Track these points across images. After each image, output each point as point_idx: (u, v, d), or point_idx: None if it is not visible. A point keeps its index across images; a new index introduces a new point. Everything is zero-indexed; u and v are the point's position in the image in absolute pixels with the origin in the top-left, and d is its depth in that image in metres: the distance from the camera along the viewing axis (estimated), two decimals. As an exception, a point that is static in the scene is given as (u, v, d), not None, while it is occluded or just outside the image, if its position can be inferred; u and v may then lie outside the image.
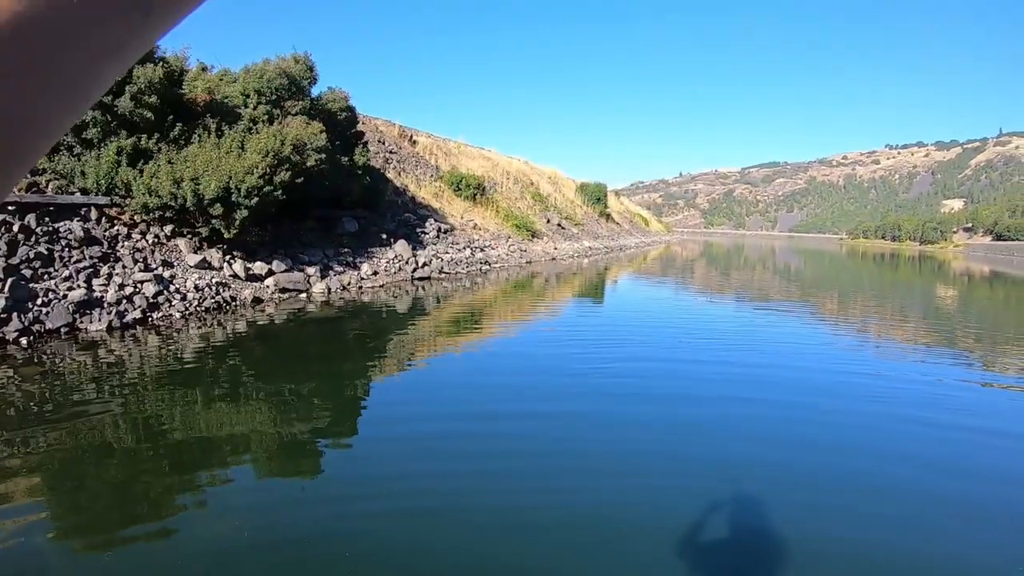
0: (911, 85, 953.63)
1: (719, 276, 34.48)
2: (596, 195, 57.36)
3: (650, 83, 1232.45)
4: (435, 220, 26.41)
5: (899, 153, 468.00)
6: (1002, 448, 6.90)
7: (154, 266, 12.80)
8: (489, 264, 25.33)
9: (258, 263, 14.96)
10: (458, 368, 9.77)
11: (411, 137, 33.75)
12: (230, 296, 13.37)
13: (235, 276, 14.22)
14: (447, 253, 23.76)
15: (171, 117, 14.67)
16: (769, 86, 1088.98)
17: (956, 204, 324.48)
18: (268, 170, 14.61)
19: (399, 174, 28.50)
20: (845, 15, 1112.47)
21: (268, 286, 14.69)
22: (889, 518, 4.91)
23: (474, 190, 32.59)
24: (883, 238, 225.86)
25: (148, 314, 11.41)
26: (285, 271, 15.40)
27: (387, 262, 19.71)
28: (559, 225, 41.87)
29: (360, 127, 23.47)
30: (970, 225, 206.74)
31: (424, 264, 21.07)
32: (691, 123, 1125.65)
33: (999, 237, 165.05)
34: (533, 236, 34.89)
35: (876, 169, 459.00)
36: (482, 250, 26.79)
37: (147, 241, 13.36)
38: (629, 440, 6.52)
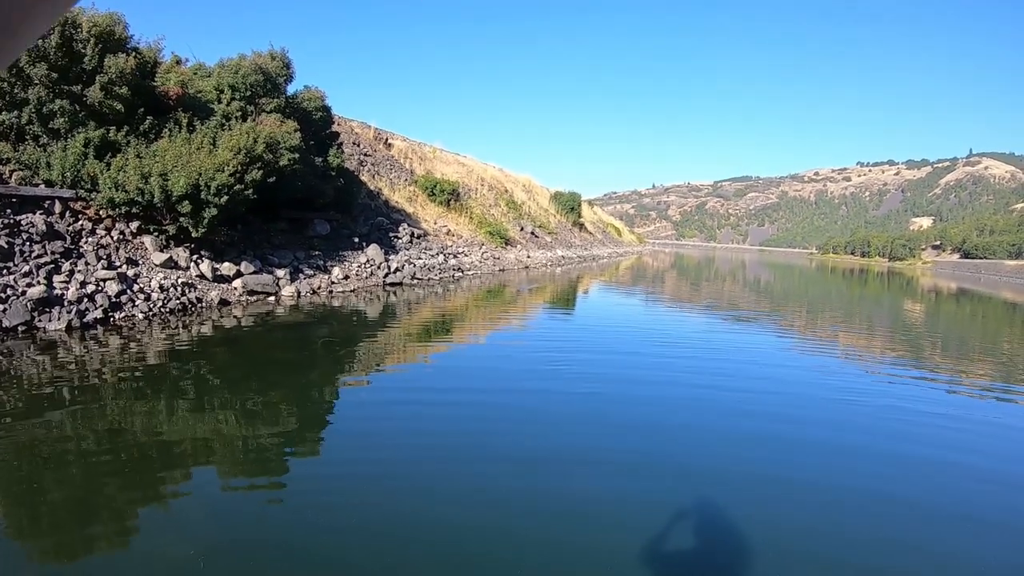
0: (883, 104, 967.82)
1: (689, 288, 34.70)
2: (570, 204, 57.36)
3: (625, 94, 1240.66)
4: (408, 225, 26.16)
5: (870, 170, 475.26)
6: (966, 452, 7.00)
7: (118, 264, 12.45)
8: (462, 271, 25.14)
9: (226, 264, 14.63)
10: (427, 378, 9.56)
11: (387, 140, 33.49)
12: (196, 297, 13.04)
13: (202, 277, 13.88)
14: (420, 259, 23.52)
15: (142, 110, 14.33)
16: (742, 101, 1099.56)
17: (925, 222, 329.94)
18: (239, 168, 14.32)
19: (373, 177, 28.22)
20: (818, 34, 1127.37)
21: (236, 288, 14.37)
22: (864, 518, 4.89)
23: (448, 196, 32.38)
24: (852, 253, 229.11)
25: (110, 314, 11.08)
26: (254, 273, 15.08)
27: (359, 266, 19.43)
28: (532, 233, 41.79)
29: (335, 128, 23.21)
30: (939, 243, 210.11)
31: (396, 269, 20.82)
32: (665, 135, 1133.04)
33: (966, 255, 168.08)
34: (506, 244, 34.77)
35: (847, 186, 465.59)
36: (455, 256, 26.58)
37: (112, 238, 13.00)
38: (602, 455, 6.36)
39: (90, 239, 12.49)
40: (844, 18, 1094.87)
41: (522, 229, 40.62)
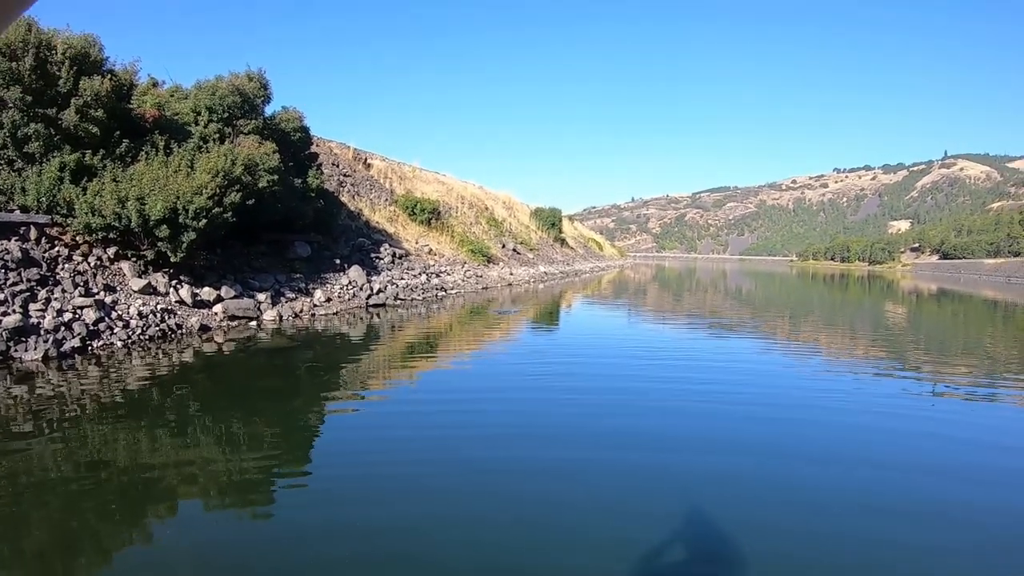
0: (859, 109, 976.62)
1: (672, 299, 34.81)
2: (550, 220, 57.42)
3: (603, 107, 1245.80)
4: (390, 245, 26.02)
5: (847, 176, 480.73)
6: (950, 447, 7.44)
7: (96, 291, 12.22)
8: (445, 290, 25.00)
9: (206, 288, 14.41)
10: (414, 401, 9.41)
11: (366, 160, 33.37)
12: (176, 324, 12.83)
13: (181, 302, 13.65)
14: (402, 279, 23.35)
15: (118, 133, 14.15)
16: (720, 110, 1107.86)
17: (903, 225, 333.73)
18: (218, 191, 14.14)
19: (353, 198, 28.08)
20: (791, 41, 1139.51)
21: (216, 313, 14.14)
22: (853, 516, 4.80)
23: (429, 215, 32.29)
24: (832, 259, 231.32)
25: (88, 343, 10.86)
26: (234, 297, 14.87)
27: (341, 288, 19.25)
28: (514, 250, 41.73)
29: (314, 149, 23.09)
30: (917, 245, 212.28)
31: (379, 290, 20.65)
32: (643, 148, 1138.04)
33: (945, 256, 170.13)
34: (489, 261, 34.67)
35: (825, 192, 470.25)
36: (438, 276, 26.44)
37: (89, 264, 12.78)
38: (591, 474, 6.23)
39: (67, 265, 12.26)
40: (819, 23, 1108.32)
41: (504, 246, 40.56)
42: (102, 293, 12.28)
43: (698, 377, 11.39)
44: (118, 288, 12.79)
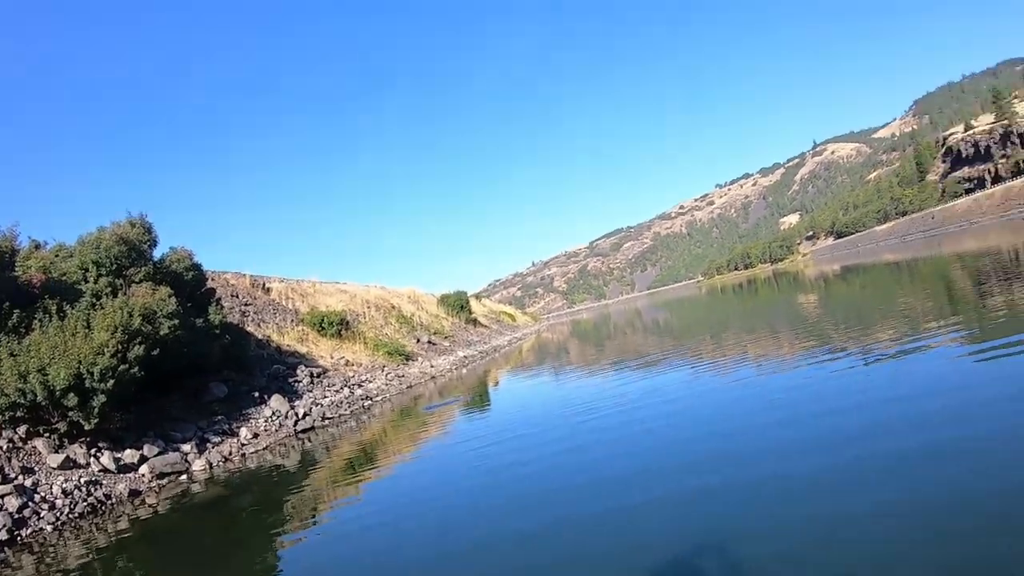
0: (726, 120, 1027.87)
1: (594, 350, 35.39)
2: (458, 303, 57.63)
3: (485, 176, 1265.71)
4: (305, 365, 25.69)
5: (729, 189, 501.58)
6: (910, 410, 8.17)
7: (13, 475, 11.73)
8: (371, 398, 24.70)
9: (128, 451, 13.95)
10: (362, 516, 9.27)
11: (264, 285, 33.08)
12: (104, 495, 12.34)
13: (105, 471, 13.15)
14: (325, 397, 23.01)
15: (6, 304, 13.75)
16: (598, 155, 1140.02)
17: (793, 219, 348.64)
18: (120, 347, 13.86)
19: (259, 325, 27.72)
20: (645, 73, 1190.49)
21: (143, 475, 13.65)
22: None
23: (338, 326, 32.05)
24: (736, 269, 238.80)
25: (16, 532, 10.38)
26: (159, 454, 14.41)
27: (265, 421, 18.86)
28: (430, 342, 41.65)
29: (210, 284, 22.90)
30: (811, 233, 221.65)
31: (304, 414, 20.29)
32: (537, 208, 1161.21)
33: (839, 235, 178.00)
34: (407, 359, 34.48)
35: (713, 209, 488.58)
36: (360, 386, 26.15)
37: (1, 447, 12.25)
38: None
39: (-24, 458, 11.75)
40: (679, 43, 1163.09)
41: (418, 340, 40.46)
42: (20, 476, 11.79)
43: (639, 417, 11.86)
44: (36, 468, 12.29)
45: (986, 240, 43.86)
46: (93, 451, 13.41)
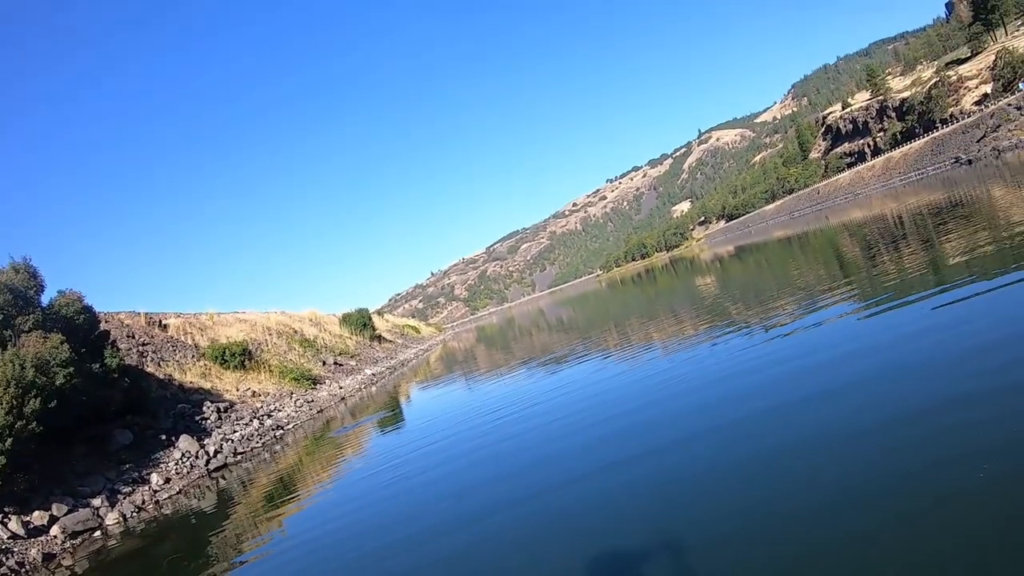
0: (611, 115, 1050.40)
1: (501, 354, 35.89)
2: (360, 321, 57.16)
3: (376, 189, 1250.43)
4: (211, 401, 25.18)
5: (620, 183, 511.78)
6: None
7: (-87, 559, 11.23)
8: (282, 428, 24.40)
9: (36, 513, 13.49)
10: (290, 552, 9.31)
11: (160, 322, 32.14)
12: (16, 563, 11.93)
13: (15, 536, 12.69)
14: (235, 432, 22.62)
15: None
16: (482, 158, 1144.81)
17: (684, 206, 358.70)
18: (14, 402, 13.42)
19: (159, 364, 26.98)
20: (533, 69, 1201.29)
21: (55, 536, 13.23)
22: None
23: (241, 357, 31.45)
24: (634, 259, 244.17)
25: (-75, 619, 9.98)
26: (69, 512, 13.99)
27: (176, 464, 18.46)
28: (336, 363, 41.30)
29: (103, 326, 22.17)
30: (703, 218, 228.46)
31: (216, 452, 19.92)
32: (427, 221, 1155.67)
33: (731, 218, 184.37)
34: (315, 383, 34.14)
35: (606, 204, 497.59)
36: (269, 416, 25.79)
37: None
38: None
39: None
40: (549, 43, 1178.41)
41: (324, 363, 40.04)
42: (-78, 559, 11.31)
43: (547, 410, 12.86)
44: (-62, 548, 11.80)
45: (871, 209, 46.49)
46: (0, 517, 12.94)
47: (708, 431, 8.09)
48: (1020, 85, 67.12)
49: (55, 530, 13.35)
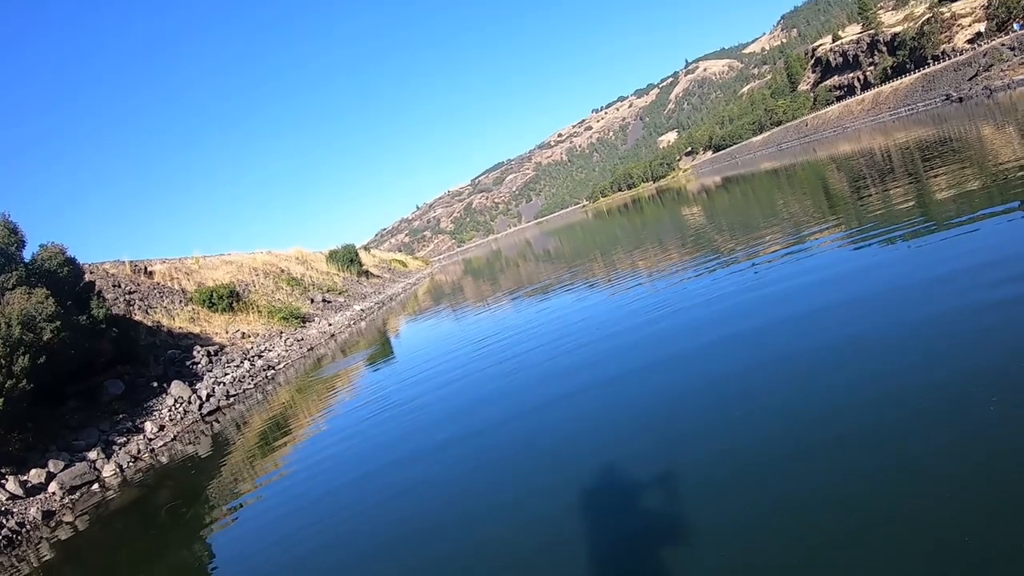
0: (598, 44, 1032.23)
1: (488, 285, 36.03)
2: (347, 257, 56.89)
3: (362, 123, 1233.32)
4: (201, 345, 25.12)
5: (606, 113, 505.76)
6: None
7: (-87, 522, 11.25)
8: (273, 368, 24.45)
9: (33, 471, 13.50)
10: (288, 492, 9.44)
11: (145, 269, 31.81)
12: (17, 523, 11.95)
13: (13, 497, 12.71)
14: (227, 375, 22.64)
15: None
16: (468, 94, 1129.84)
17: (671, 136, 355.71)
18: (2, 362, 13.27)
19: (147, 312, 26.80)
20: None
21: (54, 493, 13.25)
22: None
23: (229, 299, 31.28)
24: (620, 190, 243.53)
25: (-71, 582, 10.03)
26: (65, 467, 14.00)
27: (169, 411, 18.49)
28: (324, 300, 41.20)
29: (88, 277, 21.89)
30: (690, 149, 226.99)
31: (208, 396, 19.96)
32: (412, 154, 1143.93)
33: (718, 149, 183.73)
34: (304, 322, 34.08)
35: (591, 134, 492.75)
36: (260, 357, 25.82)
37: None
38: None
39: None
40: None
41: (312, 301, 39.96)
42: (-79, 522, 11.33)
43: (550, 339, 13.01)
44: (-64, 509, 11.81)
45: (859, 143, 46.17)
46: (-4, 478, 12.93)
47: (689, 351, 8.87)
48: (1015, 26, 65.89)
49: (53, 487, 13.37)
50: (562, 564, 4.82)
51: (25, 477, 13.27)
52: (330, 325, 34.26)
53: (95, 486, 13.86)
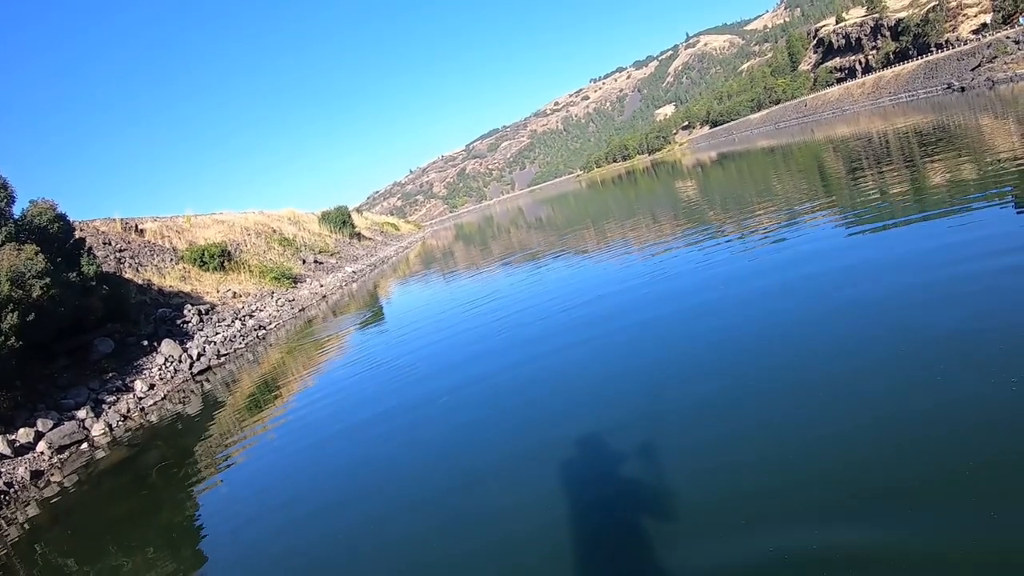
0: (598, 14, 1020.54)
1: (479, 252, 35.95)
2: (340, 219, 56.63)
3: (356, 85, 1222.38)
4: (192, 304, 24.93)
5: (604, 83, 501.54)
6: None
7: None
8: (264, 328, 24.30)
9: (21, 431, 13.36)
10: (277, 452, 9.45)
11: (136, 227, 31.50)
12: (4, 483, 11.82)
13: (1, 457, 12.57)
14: (217, 334, 22.47)
15: None
16: (465, 59, 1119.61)
17: (668, 110, 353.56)
18: (-9, 319, 13.07)
19: (137, 270, 26.56)
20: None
21: (42, 452, 13.12)
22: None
23: (220, 258, 31.06)
24: (615, 161, 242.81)
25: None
26: (54, 427, 13.86)
27: (159, 369, 18.35)
28: (316, 261, 41.04)
29: (79, 234, 21.60)
30: (687, 123, 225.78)
31: (199, 355, 19.82)
32: (406, 117, 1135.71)
33: (715, 124, 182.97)
34: (295, 282, 33.92)
35: (588, 104, 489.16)
36: (251, 316, 25.66)
37: None
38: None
39: None
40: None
41: (304, 262, 39.78)
42: (-92, 479, 11.20)
43: (531, 300, 13.86)
44: (-77, 467, 11.68)
45: (857, 126, 45.86)
46: (-17, 436, 12.78)
47: (677, 312, 9.59)
48: (1021, 19, 65.47)
49: (41, 446, 13.24)
50: (549, 498, 5.20)
51: (13, 436, 13.13)
52: (322, 286, 34.10)
53: (84, 445, 13.73)
